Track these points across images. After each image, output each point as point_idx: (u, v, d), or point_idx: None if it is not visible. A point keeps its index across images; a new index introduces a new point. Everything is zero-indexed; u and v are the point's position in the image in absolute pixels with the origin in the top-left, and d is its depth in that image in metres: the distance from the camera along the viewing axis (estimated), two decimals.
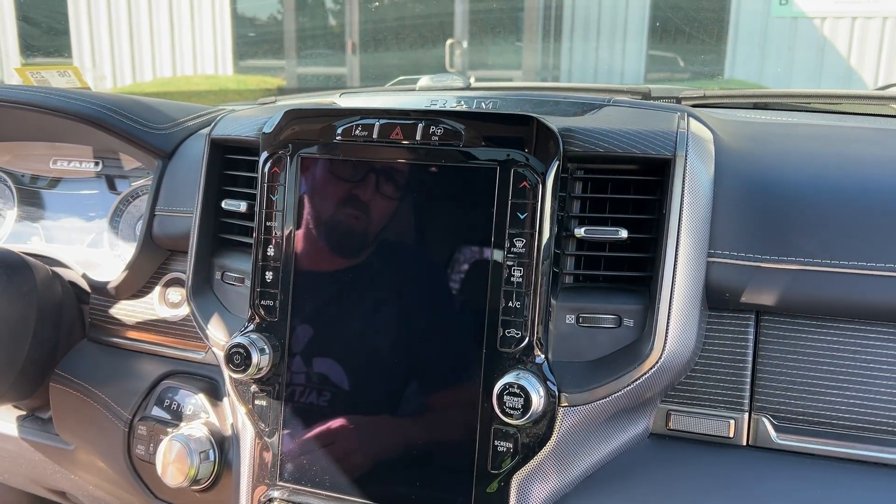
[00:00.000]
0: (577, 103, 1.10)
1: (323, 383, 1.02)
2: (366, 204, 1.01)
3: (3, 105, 1.34)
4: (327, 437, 1.02)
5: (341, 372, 1.02)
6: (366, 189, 1.01)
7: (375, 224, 1.00)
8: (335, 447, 1.02)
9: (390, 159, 0.99)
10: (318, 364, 1.03)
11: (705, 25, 5.92)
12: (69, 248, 1.47)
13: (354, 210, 1.01)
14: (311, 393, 1.03)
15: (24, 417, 1.41)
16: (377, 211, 1.00)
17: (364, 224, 1.01)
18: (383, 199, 1.00)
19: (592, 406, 0.93)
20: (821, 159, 1.04)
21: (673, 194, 0.93)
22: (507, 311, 0.94)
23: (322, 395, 1.02)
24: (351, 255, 1.01)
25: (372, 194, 1.00)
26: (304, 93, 1.86)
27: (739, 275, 0.94)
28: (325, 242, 1.02)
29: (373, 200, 1.00)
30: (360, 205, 1.01)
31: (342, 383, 1.01)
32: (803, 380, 0.95)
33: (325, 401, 1.02)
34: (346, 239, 1.02)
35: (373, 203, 1.00)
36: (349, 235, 1.01)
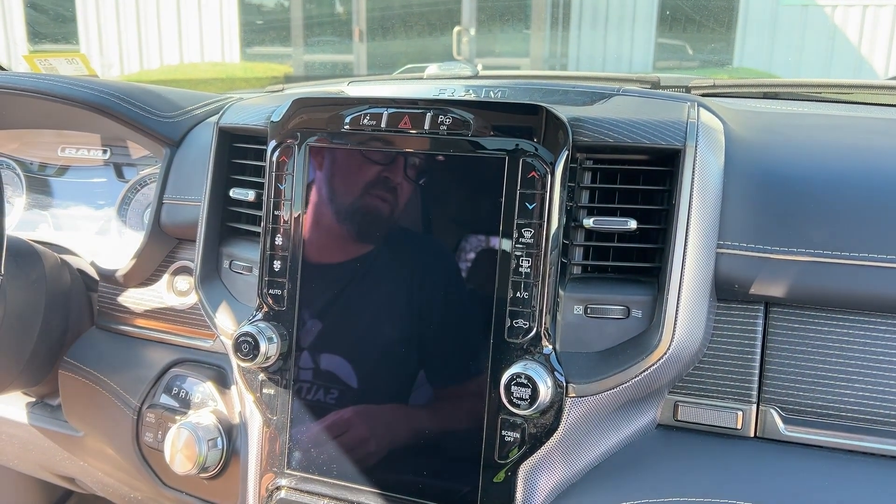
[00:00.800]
0: (587, 92, 1.09)
1: (330, 372, 1.02)
2: (373, 193, 1.00)
3: (11, 92, 1.34)
4: (335, 425, 1.02)
5: (349, 361, 1.02)
6: (373, 178, 1.00)
7: (383, 213, 1.00)
8: (343, 436, 1.02)
9: (398, 149, 0.99)
10: (325, 353, 1.03)
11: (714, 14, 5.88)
12: (77, 235, 1.47)
13: (362, 199, 1.01)
14: (319, 381, 1.03)
15: (34, 404, 1.42)
16: (385, 200, 1.00)
17: (372, 213, 1.00)
18: (391, 189, 1.00)
19: (600, 397, 0.93)
20: (832, 150, 1.04)
21: (683, 185, 0.93)
22: (515, 301, 0.93)
23: (329, 384, 1.02)
24: (359, 244, 1.01)
25: (380, 184, 1.00)
26: (311, 80, 1.85)
27: (749, 266, 0.94)
28: (333, 231, 1.02)
29: (380, 190, 1.00)
30: (367, 194, 1.01)
31: (350, 372, 1.02)
32: (812, 371, 0.95)
33: (333, 389, 1.02)
34: (354, 228, 1.01)
35: (380, 192, 1.00)
36: (357, 224, 1.01)
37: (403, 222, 0.99)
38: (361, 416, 1.02)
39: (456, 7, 7.38)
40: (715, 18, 5.94)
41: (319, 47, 8.60)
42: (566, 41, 7.71)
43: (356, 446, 1.02)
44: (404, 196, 0.99)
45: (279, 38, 8.69)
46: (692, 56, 6.63)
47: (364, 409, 1.01)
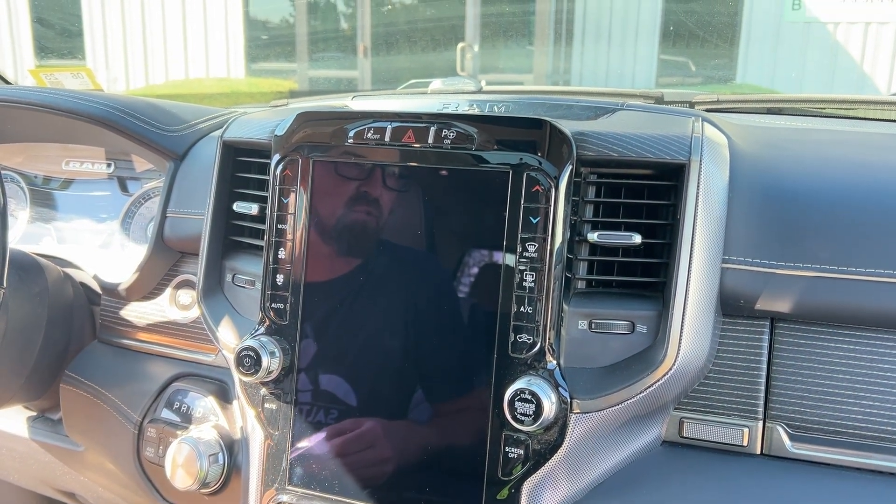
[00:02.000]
0: (590, 107, 1.09)
1: (333, 387, 1.02)
2: (377, 207, 1.00)
3: (16, 106, 1.34)
4: (337, 441, 1.01)
5: (351, 376, 1.01)
6: (377, 192, 1.00)
7: (387, 227, 1.00)
8: (345, 452, 1.01)
9: (402, 162, 0.99)
10: (328, 368, 1.02)
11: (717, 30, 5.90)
12: (81, 249, 1.47)
13: (365, 213, 1.01)
14: (321, 397, 1.02)
15: (34, 418, 1.41)
16: (388, 214, 1.00)
17: (375, 227, 1.00)
18: (395, 203, 1.00)
19: (605, 413, 0.92)
20: (836, 165, 1.03)
21: (687, 199, 0.92)
22: (519, 316, 0.93)
23: (332, 399, 1.02)
24: (362, 258, 1.01)
25: (383, 198, 1.00)
26: (315, 95, 1.86)
27: (754, 281, 0.93)
28: (336, 245, 1.02)
29: (384, 204, 1.00)
30: (371, 208, 1.00)
31: (352, 387, 1.01)
32: (819, 388, 0.94)
33: (335, 405, 1.02)
34: (357, 242, 1.01)
35: (384, 206, 1.00)
36: (360, 238, 1.01)
37: (407, 236, 0.99)
38: (364, 431, 1.01)
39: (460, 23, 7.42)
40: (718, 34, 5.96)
41: (324, 63, 8.65)
42: (569, 57, 7.74)
43: (358, 462, 1.01)
44: (408, 210, 0.99)
45: (284, 53, 8.74)
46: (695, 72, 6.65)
47: (367, 425, 1.01)
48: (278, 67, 8.82)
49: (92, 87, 1.80)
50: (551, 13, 7.63)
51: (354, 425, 1.01)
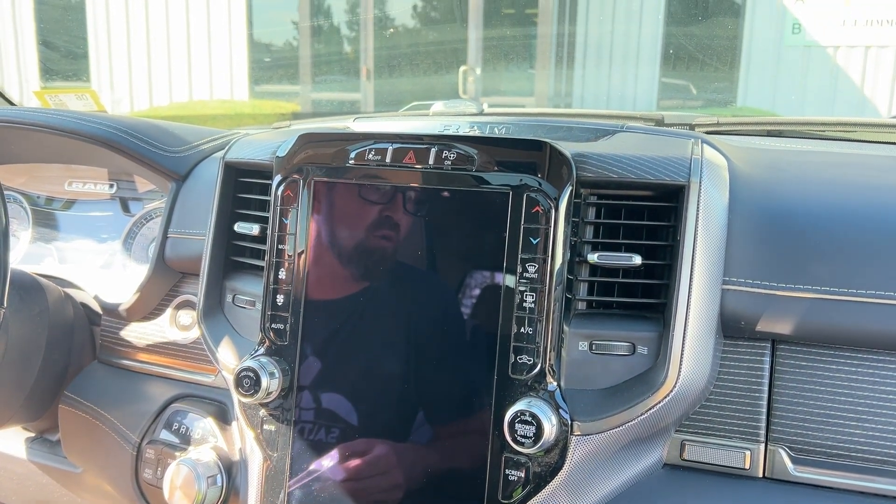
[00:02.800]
0: (591, 129, 1.10)
1: (332, 409, 1.01)
2: (378, 228, 1.00)
3: (20, 127, 1.35)
4: (336, 463, 1.01)
5: (351, 398, 1.01)
6: (378, 213, 1.00)
7: (387, 248, 1.00)
8: (344, 474, 1.00)
9: (403, 183, 0.99)
10: (327, 389, 1.02)
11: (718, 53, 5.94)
12: (82, 269, 1.47)
13: (366, 234, 1.01)
14: (321, 418, 1.02)
15: (33, 439, 1.41)
16: (389, 235, 1.00)
17: (376, 248, 1.00)
18: (395, 224, 1.00)
19: (605, 435, 0.91)
20: (836, 187, 1.03)
21: (687, 221, 0.92)
22: (520, 337, 0.93)
23: (331, 421, 1.01)
24: (362, 278, 1.01)
25: (384, 218, 1.00)
26: (318, 117, 1.87)
27: (755, 303, 0.93)
28: (337, 266, 1.02)
29: (385, 224, 1.00)
30: (372, 229, 1.01)
31: (352, 409, 1.01)
32: (821, 410, 0.94)
33: (335, 427, 1.01)
34: (358, 263, 1.01)
35: (385, 227, 1.00)
36: (361, 259, 1.01)
37: (407, 257, 0.99)
38: (363, 453, 1.00)
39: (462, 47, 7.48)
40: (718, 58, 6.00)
41: (327, 85, 8.70)
42: (571, 80, 7.78)
43: (358, 485, 1.00)
44: (408, 231, 0.99)
45: (287, 76, 8.80)
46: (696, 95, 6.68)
47: (366, 447, 1.00)
48: (281, 90, 8.88)
49: (96, 109, 1.81)
50: (553, 37, 7.68)
51: (354, 447, 1.00)
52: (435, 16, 8.27)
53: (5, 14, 8.83)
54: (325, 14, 8.69)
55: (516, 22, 7.96)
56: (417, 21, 8.37)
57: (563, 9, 7.78)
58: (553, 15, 7.70)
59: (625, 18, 7.61)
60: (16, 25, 8.81)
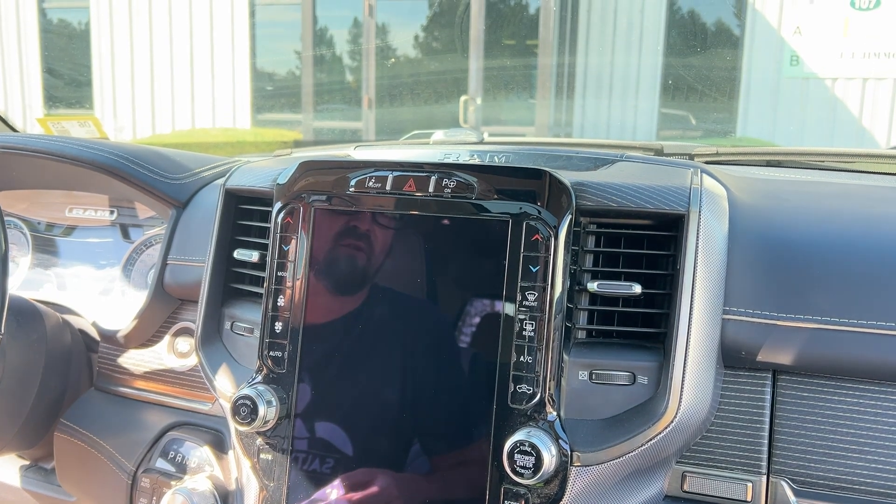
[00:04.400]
0: (590, 158, 1.10)
1: (330, 438, 1.00)
2: (377, 256, 1.00)
3: (23, 154, 1.36)
4: (334, 494, 0.99)
5: (349, 427, 1.00)
6: (378, 241, 1.00)
7: (387, 276, 1.00)
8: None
9: (403, 211, 0.99)
10: (325, 418, 1.01)
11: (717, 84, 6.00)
12: (81, 295, 1.47)
13: (366, 262, 1.01)
14: (318, 448, 1.01)
15: (27, 467, 1.39)
16: (388, 263, 1.00)
17: (375, 276, 1.00)
18: (395, 251, 1.00)
19: (606, 466, 0.90)
20: (836, 217, 1.03)
21: (687, 250, 0.92)
22: (519, 366, 0.92)
23: (328, 451, 1.00)
24: (362, 307, 1.01)
25: (384, 246, 1.00)
26: (319, 145, 1.88)
27: (755, 333, 0.93)
28: (336, 294, 1.02)
29: (384, 252, 1.00)
30: (371, 256, 1.00)
31: (349, 438, 1.00)
32: (823, 442, 0.93)
33: (332, 456, 1.00)
34: (358, 291, 1.01)
35: (384, 255, 1.00)
36: (360, 287, 1.01)
37: (406, 285, 0.99)
38: (361, 484, 0.99)
39: (463, 77, 7.55)
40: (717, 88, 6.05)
41: (329, 114, 8.77)
42: (571, 110, 7.85)
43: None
44: (408, 258, 0.99)
45: (289, 104, 8.88)
46: (695, 125, 6.73)
47: (364, 477, 0.99)
48: (283, 118, 8.95)
49: (98, 136, 1.82)
50: (553, 67, 7.76)
51: (351, 478, 0.99)
52: (436, 46, 8.36)
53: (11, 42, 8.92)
54: (328, 44, 8.78)
55: (517, 52, 8.05)
56: (419, 51, 8.46)
57: (563, 40, 7.86)
58: (553, 46, 7.78)
59: (624, 49, 7.69)
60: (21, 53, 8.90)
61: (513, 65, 7.89)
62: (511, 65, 7.88)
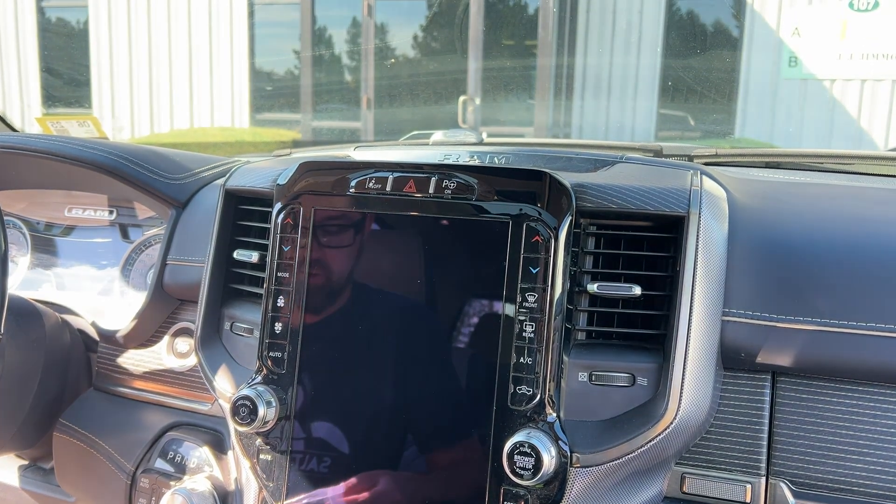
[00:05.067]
0: (590, 160, 1.10)
1: (329, 439, 1.00)
2: (377, 256, 1.00)
3: (22, 153, 1.36)
4: (333, 494, 0.99)
5: (348, 427, 1.00)
6: (378, 242, 1.00)
7: (387, 277, 1.00)
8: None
9: (403, 212, 0.99)
10: (324, 419, 1.01)
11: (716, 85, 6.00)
12: (80, 295, 1.47)
13: (366, 262, 1.01)
14: (317, 448, 1.01)
15: (26, 467, 1.39)
16: (389, 264, 1.00)
17: (375, 276, 1.00)
18: (395, 252, 1.00)
19: (605, 467, 0.90)
20: (835, 218, 1.04)
21: (687, 252, 0.92)
22: (519, 367, 0.92)
23: (328, 451, 1.00)
24: (361, 307, 1.01)
25: (384, 247, 1.00)
26: (318, 146, 1.88)
27: (754, 334, 0.93)
28: (336, 295, 1.02)
29: (384, 253, 1.00)
30: (371, 257, 1.01)
31: (349, 439, 1.00)
32: (822, 444, 0.93)
33: (331, 457, 1.00)
34: (357, 291, 1.01)
35: (384, 256, 1.00)
36: (360, 288, 1.01)
37: (406, 286, 0.99)
38: (360, 484, 0.99)
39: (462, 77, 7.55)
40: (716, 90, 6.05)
41: (328, 114, 8.76)
42: (570, 111, 7.85)
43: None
44: (407, 259, 0.99)
45: (288, 104, 8.87)
46: (694, 126, 6.73)
47: (363, 478, 0.99)
48: (282, 118, 8.94)
49: (97, 135, 1.82)
50: (552, 68, 7.76)
51: (351, 478, 0.99)
52: (435, 46, 8.36)
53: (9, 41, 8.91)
54: (327, 44, 8.78)
55: (516, 53, 8.05)
56: (418, 51, 8.46)
57: (562, 40, 7.86)
58: (552, 46, 7.78)
59: (623, 50, 7.70)
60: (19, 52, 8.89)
61: (512, 65, 7.89)
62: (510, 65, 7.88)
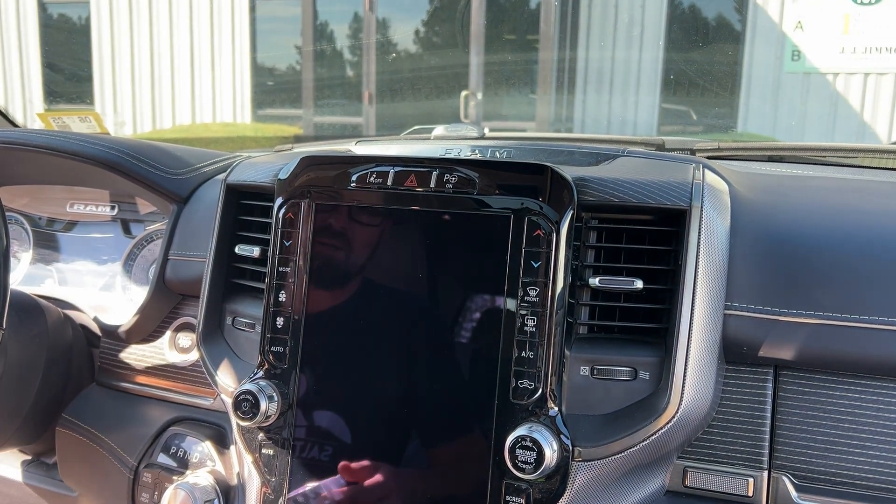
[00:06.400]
0: (592, 153, 1.10)
1: (331, 433, 1.00)
2: (379, 251, 1.00)
3: (24, 149, 1.35)
4: (334, 489, 0.99)
5: (350, 422, 1.00)
6: (379, 236, 1.00)
7: (388, 271, 1.00)
8: (342, 500, 0.99)
9: (404, 206, 0.99)
10: (326, 413, 1.01)
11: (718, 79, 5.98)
12: (82, 291, 1.47)
13: (367, 257, 1.01)
14: (319, 442, 1.01)
15: (29, 462, 1.39)
16: (390, 258, 1.00)
17: (376, 271, 1.00)
18: (396, 247, 1.00)
19: (607, 461, 0.90)
20: (838, 212, 1.03)
21: (689, 245, 0.92)
22: (521, 361, 0.92)
23: (330, 446, 1.00)
24: (362, 302, 1.01)
25: (385, 241, 1.00)
26: (320, 140, 1.87)
27: (757, 328, 0.93)
28: (337, 289, 1.02)
29: (386, 247, 1.00)
30: (373, 251, 1.00)
31: (351, 433, 1.00)
32: (825, 438, 0.93)
33: (333, 451, 1.00)
34: (358, 286, 1.01)
35: (386, 250, 1.00)
36: (361, 282, 1.01)
37: (408, 280, 0.99)
38: (362, 479, 0.99)
39: (463, 71, 7.53)
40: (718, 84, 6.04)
41: (329, 109, 8.75)
42: (571, 105, 7.83)
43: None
44: (409, 254, 0.99)
45: (290, 99, 8.86)
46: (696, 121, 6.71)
47: (365, 473, 0.99)
48: (284, 113, 8.93)
49: (99, 131, 1.82)
50: (554, 62, 7.74)
51: (353, 472, 0.99)
52: (437, 41, 8.35)
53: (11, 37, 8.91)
54: (328, 39, 8.77)
55: (518, 47, 8.03)
56: (419, 46, 8.44)
57: (564, 35, 7.85)
58: (554, 41, 7.76)
59: (625, 44, 7.68)
60: (21, 48, 8.89)
61: (513, 60, 7.87)
62: (512, 60, 7.86)
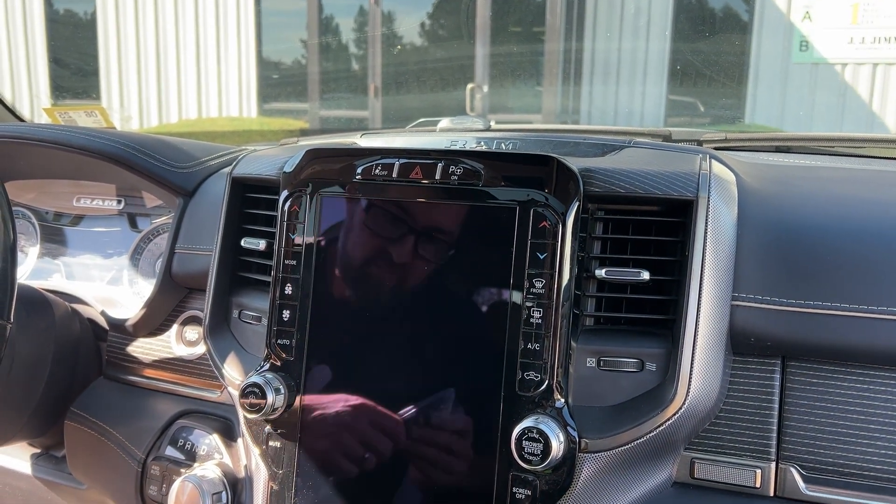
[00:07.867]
0: (598, 144, 1.10)
1: (338, 425, 1.01)
2: (384, 243, 1.00)
3: (30, 143, 1.36)
4: (342, 481, 1.00)
5: (357, 414, 1.00)
6: (385, 228, 1.00)
7: (394, 263, 1.00)
8: (350, 492, 0.99)
9: (410, 199, 0.99)
10: (333, 405, 1.01)
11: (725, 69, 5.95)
12: (89, 284, 1.47)
13: (373, 249, 1.00)
14: (326, 435, 1.01)
15: (38, 455, 1.40)
16: (396, 250, 1.00)
17: (382, 263, 1.00)
18: (402, 239, 0.99)
19: (614, 453, 0.90)
20: (846, 202, 1.03)
21: (696, 236, 0.92)
22: (527, 353, 0.92)
23: (337, 438, 1.00)
24: (369, 294, 1.01)
25: (391, 233, 1.00)
26: (325, 134, 1.87)
27: (764, 318, 0.92)
28: (343, 281, 1.02)
29: (391, 239, 1.00)
30: (378, 244, 1.00)
31: (357, 425, 1.00)
32: (833, 428, 0.92)
33: (340, 443, 1.00)
34: (364, 278, 1.01)
35: (391, 242, 1.00)
36: (367, 275, 1.01)
37: (413, 272, 0.99)
38: (369, 471, 0.99)
39: (469, 64, 7.51)
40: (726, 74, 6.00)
41: (335, 102, 8.75)
42: (578, 96, 7.80)
43: (363, 503, 0.99)
44: (414, 246, 0.99)
45: (296, 93, 8.85)
46: (703, 112, 6.67)
47: (372, 464, 0.99)
48: (290, 107, 8.93)
49: (105, 126, 1.82)
50: (560, 53, 7.71)
51: (359, 464, 0.99)
52: (442, 33, 8.33)
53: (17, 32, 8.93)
54: (334, 32, 8.76)
55: (523, 39, 8.00)
56: (425, 39, 8.42)
57: (570, 26, 7.81)
58: (560, 32, 7.73)
59: (632, 35, 7.64)
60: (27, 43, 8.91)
61: (519, 51, 7.84)
62: (518, 51, 7.84)
